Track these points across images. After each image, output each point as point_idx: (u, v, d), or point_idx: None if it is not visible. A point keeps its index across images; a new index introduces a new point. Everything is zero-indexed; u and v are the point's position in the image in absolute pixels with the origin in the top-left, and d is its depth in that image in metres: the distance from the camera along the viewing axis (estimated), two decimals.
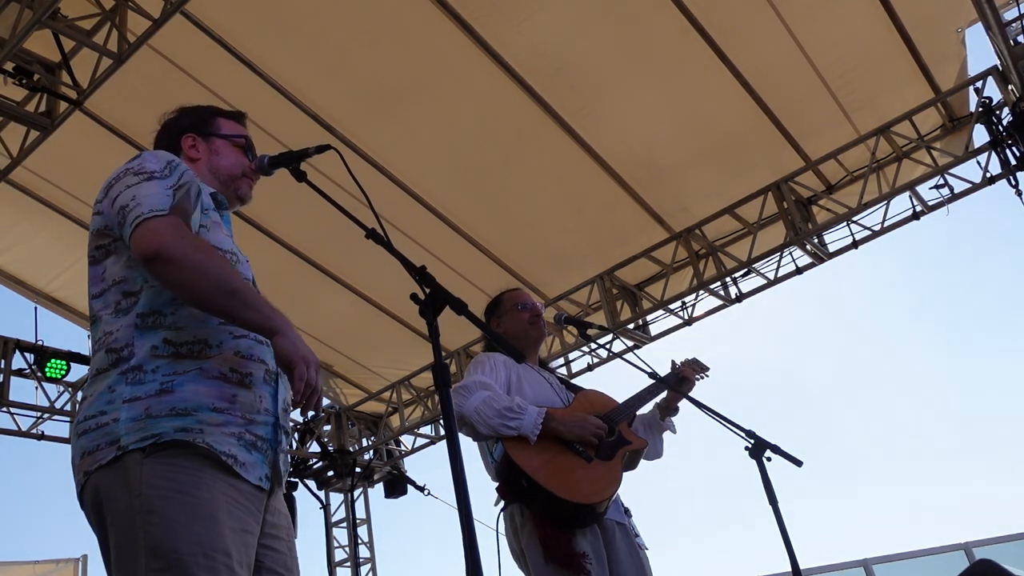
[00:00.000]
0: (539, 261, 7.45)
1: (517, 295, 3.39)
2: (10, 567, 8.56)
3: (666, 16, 5.58)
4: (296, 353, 1.65)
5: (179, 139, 2.10)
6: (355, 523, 9.19)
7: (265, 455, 1.75)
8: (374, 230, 1.94)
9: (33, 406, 7.48)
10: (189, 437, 1.63)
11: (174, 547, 1.54)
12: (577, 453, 2.87)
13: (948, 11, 5.70)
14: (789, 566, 2.81)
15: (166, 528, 1.55)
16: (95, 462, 1.64)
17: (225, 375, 1.72)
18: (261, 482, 1.73)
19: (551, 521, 2.74)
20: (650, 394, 3.23)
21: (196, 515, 1.58)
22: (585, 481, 2.81)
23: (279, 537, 1.81)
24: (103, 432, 1.64)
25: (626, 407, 3.16)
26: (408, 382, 8.61)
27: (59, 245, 6.97)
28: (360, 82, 5.98)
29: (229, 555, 1.58)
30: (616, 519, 2.96)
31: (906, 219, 6.46)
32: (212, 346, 1.72)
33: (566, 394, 3.19)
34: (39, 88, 5.34)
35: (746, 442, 2.98)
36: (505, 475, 2.84)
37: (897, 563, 9.49)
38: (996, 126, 5.91)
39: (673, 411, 3.30)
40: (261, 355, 1.79)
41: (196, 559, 1.54)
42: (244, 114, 2.21)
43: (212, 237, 1.84)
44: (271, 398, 1.80)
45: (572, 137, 6.31)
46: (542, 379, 3.19)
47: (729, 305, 7.17)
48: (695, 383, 3.30)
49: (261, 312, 1.68)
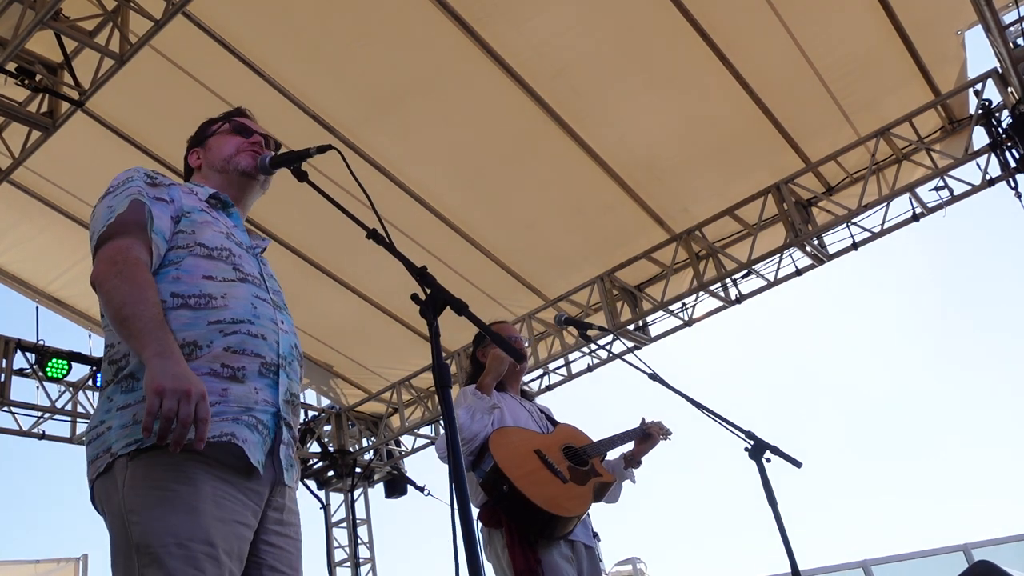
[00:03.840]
0: (539, 262, 7.46)
1: (503, 328, 3.61)
2: (10, 566, 8.57)
3: (666, 18, 5.59)
4: (150, 386, 1.55)
5: (187, 156, 2.21)
6: (355, 523, 9.20)
7: (264, 439, 1.76)
8: (375, 230, 1.94)
9: (34, 406, 7.50)
10: None
11: (149, 541, 1.57)
12: (555, 474, 3.15)
13: (948, 13, 5.70)
14: (789, 567, 2.82)
15: (145, 524, 1.59)
16: (95, 471, 1.69)
17: (215, 371, 1.72)
18: (259, 465, 1.73)
19: (521, 531, 3.00)
20: (620, 440, 3.57)
21: (172, 508, 1.60)
22: (558, 496, 3.09)
23: (287, 536, 1.83)
24: (101, 441, 1.70)
25: (599, 445, 3.47)
26: (408, 382, 8.61)
27: (60, 245, 6.98)
28: (361, 83, 5.99)
29: (212, 544, 1.60)
30: (584, 542, 3.20)
31: (906, 221, 6.47)
32: (202, 347, 1.73)
33: (545, 424, 3.43)
34: (41, 88, 5.35)
35: (746, 443, 2.99)
36: (490, 481, 3.05)
37: (896, 564, 9.50)
38: (996, 128, 5.92)
39: (636, 464, 3.61)
40: (255, 349, 1.79)
41: (168, 550, 1.56)
42: (240, 109, 2.25)
43: (199, 236, 1.87)
44: (269, 389, 1.80)
45: (573, 138, 6.32)
46: (523, 409, 3.41)
47: (729, 306, 7.18)
48: (657, 442, 3.64)
49: (139, 340, 1.63)
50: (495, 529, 3.09)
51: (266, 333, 1.83)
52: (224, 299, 1.80)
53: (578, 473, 3.24)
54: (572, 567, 3.06)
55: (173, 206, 1.89)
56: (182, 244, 1.85)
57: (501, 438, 3.12)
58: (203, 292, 1.79)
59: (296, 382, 1.90)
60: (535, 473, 3.10)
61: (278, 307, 1.93)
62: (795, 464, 3.01)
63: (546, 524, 3.02)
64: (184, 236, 1.86)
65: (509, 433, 3.18)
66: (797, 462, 3.00)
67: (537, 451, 3.18)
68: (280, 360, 1.84)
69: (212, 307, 1.78)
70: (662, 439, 3.66)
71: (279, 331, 1.87)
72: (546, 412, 3.60)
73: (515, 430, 3.22)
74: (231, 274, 1.86)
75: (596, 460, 3.39)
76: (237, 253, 1.92)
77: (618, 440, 3.56)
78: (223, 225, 1.96)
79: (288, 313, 1.99)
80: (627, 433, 3.60)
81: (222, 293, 1.81)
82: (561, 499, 3.08)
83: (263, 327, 1.83)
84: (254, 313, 1.83)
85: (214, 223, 1.94)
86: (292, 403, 1.88)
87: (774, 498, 2.89)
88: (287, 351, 1.87)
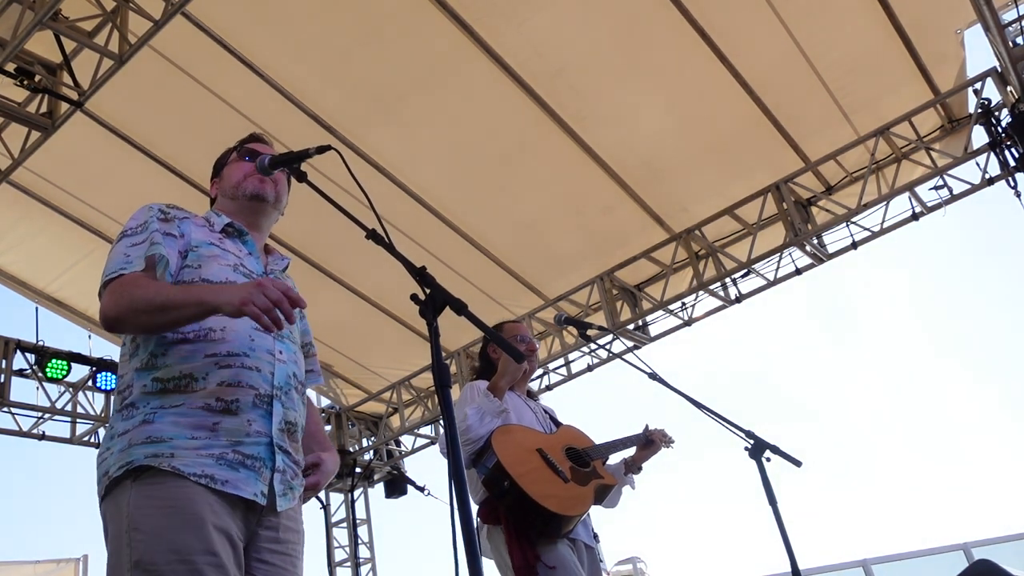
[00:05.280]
0: (539, 261, 7.46)
1: (516, 328, 3.62)
2: (10, 567, 8.56)
3: (666, 17, 5.59)
4: (235, 302, 1.67)
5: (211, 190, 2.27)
6: (355, 523, 9.20)
7: (259, 473, 1.80)
8: (375, 230, 1.94)
9: (34, 406, 7.48)
10: (156, 462, 1.71)
11: (152, 559, 1.63)
12: (557, 473, 3.16)
13: (947, 12, 5.70)
14: (789, 566, 2.82)
15: (147, 541, 1.65)
16: (99, 494, 1.79)
17: (209, 405, 1.79)
18: (256, 497, 1.78)
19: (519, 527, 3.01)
20: (623, 444, 3.57)
21: (175, 524, 1.66)
22: (558, 495, 3.10)
23: (284, 553, 1.86)
24: (103, 467, 1.79)
25: (602, 448, 3.48)
26: (408, 382, 8.61)
27: (60, 246, 6.98)
28: (360, 83, 5.99)
29: (216, 554, 1.65)
30: (585, 541, 3.22)
31: (905, 220, 6.47)
32: (198, 379, 1.80)
33: (549, 424, 3.44)
34: (40, 89, 5.35)
35: (745, 442, 2.99)
36: (492, 478, 3.04)
37: (896, 563, 9.51)
38: (995, 127, 5.92)
39: (636, 469, 3.61)
40: (249, 381, 1.84)
41: (172, 566, 1.61)
42: (254, 135, 2.27)
43: (204, 272, 1.93)
44: (263, 420, 1.84)
45: (572, 138, 6.32)
46: (528, 409, 3.41)
47: (729, 306, 7.18)
48: (659, 449, 3.64)
49: (197, 305, 1.74)
50: (494, 526, 3.10)
51: (260, 365, 1.87)
52: (223, 332, 1.85)
53: (580, 474, 3.25)
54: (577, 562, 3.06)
55: (181, 241, 1.96)
56: (187, 279, 1.91)
57: (504, 435, 3.13)
58: (203, 327, 1.84)
59: (294, 410, 1.93)
60: (537, 471, 3.11)
61: (280, 337, 1.95)
62: (795, 463, 3.01)
63: (546, 522, 3.02)
64: (190, 271, 1.92)
65: (512, 431, 3.18)
66: (797, 461, 3.01)
67: (539, 450, 3.19)
68: (274, 391, 1.87)
69: (211, 339, 1.84)
70: (664, 447, 3.66)
71: (276, 362, 1.90)
72: (550, 413, 3.61)
73: (519, 428, 3.23)
74: None
75: (598, 463, 3.40)
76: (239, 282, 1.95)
77: (620, 444, 3.56)
78: (233, 257, 2.01)
79: (291, 341, 2.02)
80: (630, 438, 3.61)
81: (222, 327, 1.85)
82: (562, 498, 3.09)
83: (258, 359, 1.87)
84: (250, 346, 1.87)
85: (222, 256, 1.98)
86: (289, 431, 1.91)
87: (774, 497, 2.89)
88: (283, 381, 1.91)
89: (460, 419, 3.08)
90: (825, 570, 9.69)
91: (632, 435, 3.62)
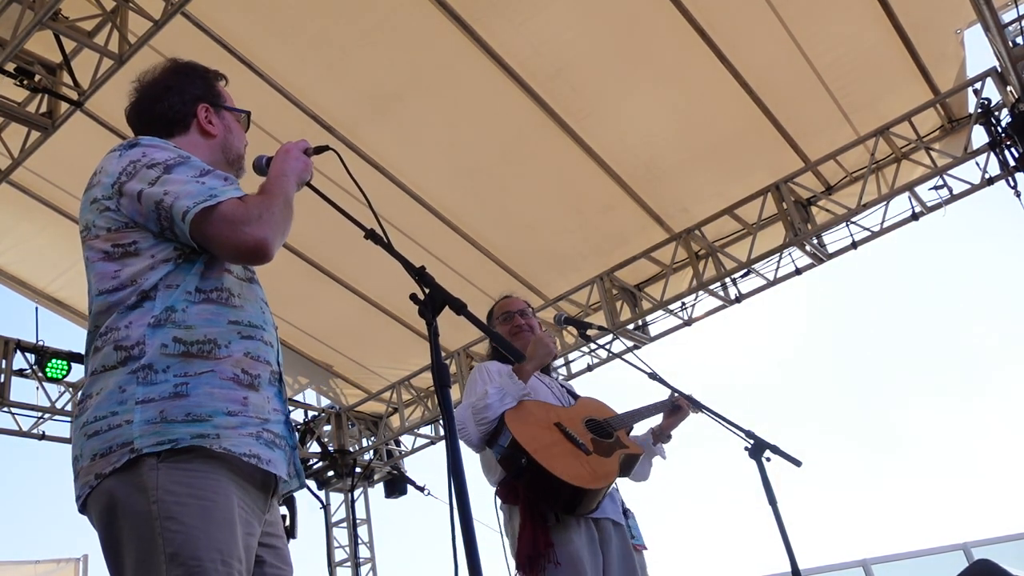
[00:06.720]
0: (539, 261, 7.46)
1: (505, 303, 3.46)
2: (10, 566, 8.56)
3: (666, 17, 5.59)
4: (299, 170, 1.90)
5: (194, 108, 2.05)
6: (355, 523, 9.20)
7: (285, 452, 1.75)
8: (373, 230, 1.94)
9: (34, 406, 7.50)
10: (207, 443, 1.59)
11: (195, 553, 1.52)
12: (577, 445, 2.95)
13: (947, 12, 5.70)
14: (789, 566, 2.82)
15: (187, 535, 1.53)
16: (109, 465, 1.58)
17: (237, 377, 1.68)
18: (291, 479, 1.75)
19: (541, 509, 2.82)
20: (648, 412, 3.36)
21: (215, 521, 1.57)
22: (580, 468, 2.88)
23: (277, 534, 1.83)
24: (115, 434, 1.59)
25: (625, 417, 3.28)
26: (408, 382, 8.61)
27: (60, 245, 6.98)
28: (360, 83, 5.99)
29: (241, 560, 1.60)
30: (613, 518, 3.01)
31: (905, 220, 6.47)
32: (221, 346, 1.69)
33: (567, 398, 3.27)
34: (40, 89, 5.35)
35: (745, 442, 2.99)
36: (508, 456, 2.87)
37: (896, 563, 9.51)
38: (995, 127, 5.92)
39: (666, 438, 3.40)
40: (267, 356, 1.77)
41: (216, 565, 1.53)
42: (219, 73, 2.21)
43: None
44: (277, 398, 1.79)
45: (572, 138, 6.32)
46: (543, 384, 3.24)
47: (729, 306, 7.18)
48: (688, 415, 3.39)
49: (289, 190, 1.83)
50: (514, 506, 2.93)
51: (272, 340, 1.82)
52: (240, 299, 1.77)
53: (602, 445, 3.05)
54: (595, 552, 2.86)
55: None
56: None
57: (518, 412, 2.94)
58: (223, 286, 1.75)
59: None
60: (555, 446, 2.92)
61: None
62: (795, 463, 3.01)
63: (569, 499, 2.83)
64: None
65: (527, 406, 2.99)
66: (797, 461, 3.01)
67: (558, 424, 3.01)
68: (280, 368, 1.85)
69: (231, 305, 1.75)
70: (692, 412, 3.41)
71: (276, 338, 1.87)
72: (567, 387, 3.45)
73: (534, 403, 3.04)
74: (242, 272, 1.84)
75: (621, 432, 3.20)
76: None
77: (645, 412, 3.35)
78: None
79: None
80: (655, 405, 3.38)
81: (238, 292, 1.78)
82: (584, 472, 2.88)
83: (271, 335, 1.82)
84: (264, 319, 1.81)
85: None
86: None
87: (774, 497, 2.89)
88: (281, 359, 1.88)
89: (480, 396, 2.94)
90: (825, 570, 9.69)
91: (657, 402, 3.39)
